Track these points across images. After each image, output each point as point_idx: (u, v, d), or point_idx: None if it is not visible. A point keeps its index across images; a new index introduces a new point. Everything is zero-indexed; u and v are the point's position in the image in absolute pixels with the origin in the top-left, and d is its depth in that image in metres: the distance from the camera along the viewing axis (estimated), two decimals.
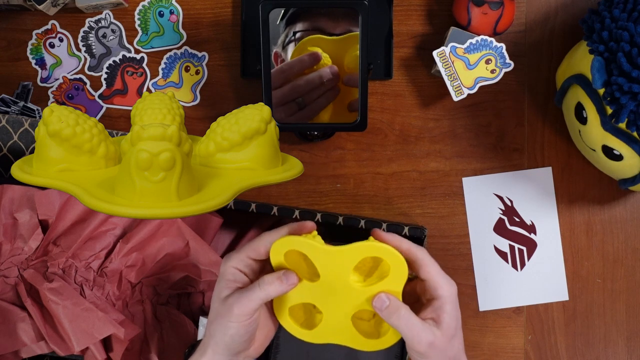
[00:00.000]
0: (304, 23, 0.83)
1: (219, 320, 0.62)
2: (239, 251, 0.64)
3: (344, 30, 0.82)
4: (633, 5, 0.73)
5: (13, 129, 0.85)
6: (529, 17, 0.89)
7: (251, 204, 0.85)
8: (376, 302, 0.62)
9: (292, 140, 0.90)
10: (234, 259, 0.64)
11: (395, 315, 0.62)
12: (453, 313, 0.63)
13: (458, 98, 0.84)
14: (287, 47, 0.83)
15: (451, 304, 0.63)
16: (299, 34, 0.83)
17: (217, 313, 0.63)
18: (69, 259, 0.77)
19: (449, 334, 0.63)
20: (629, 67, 0.70)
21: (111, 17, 0.90)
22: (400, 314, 0.61)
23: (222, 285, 0.63)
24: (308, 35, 0.83)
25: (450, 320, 0.63)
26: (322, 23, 0.83)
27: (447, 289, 0.63)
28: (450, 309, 0.63)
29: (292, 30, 0.83)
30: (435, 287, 0.63)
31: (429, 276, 0.63)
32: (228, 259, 0.64)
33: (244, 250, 0.64)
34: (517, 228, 0.91)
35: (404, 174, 0.91)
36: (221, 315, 0.62)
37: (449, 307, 0.63)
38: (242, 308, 0.61)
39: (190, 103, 0.90)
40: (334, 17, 0.82)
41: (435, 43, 0.88)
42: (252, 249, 0.64)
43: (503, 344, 0.91)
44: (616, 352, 0.91)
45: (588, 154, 0.83)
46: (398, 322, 0.62)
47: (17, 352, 0.77)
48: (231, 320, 0.61)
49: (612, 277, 0.91)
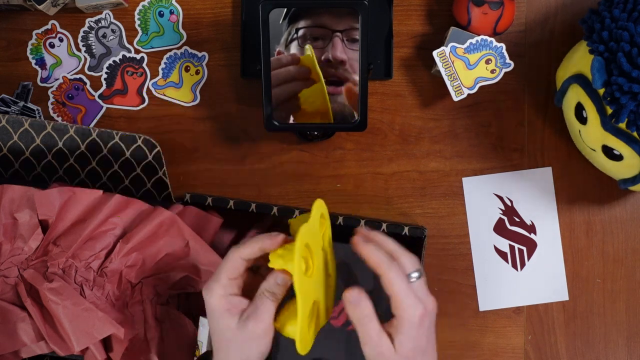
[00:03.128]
0: (306, 20, 0.83)
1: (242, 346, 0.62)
2: (218, 278, 0.63)
3: (346, 27, 0.82)
4: (633, 5, 0.73)
5: (13, 129, 0.85)
6: (529, 17, 0.89)
7: (251, 204, 0.85)
8: (349, 295, 0.61)
9: (292, 140, 0.90)
10: (219, 289, 0.63)
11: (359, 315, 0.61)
12: (410, 334, 0.61)
13: (458, 98, 0.84)
14: (290, 46, 0.83)
15: (410, 326, 0.61)
16: (302, 31, 0.82)
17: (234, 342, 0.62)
18: (69, 259, 0.77)
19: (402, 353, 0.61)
20: (629, 67, 0.70)
21: (111, 17, 0.90)
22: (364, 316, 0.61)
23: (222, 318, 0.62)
24: (310, 31, 0.82)
25: (407, 341, 0.61)
26: (325, 20, 0.82)
27: (410, 311, 0.61)
28: (406, 330, 0.61)
29: (294, 28, 0.83)
30: (395, 306, 0.62)
31: (392, 294, 0.62)
32: (210, 291, 0.63)
33: (223, 275, 0.63)
34: (517, 228, 0.91)
35: (404, 174, 0.91)
36: (244, 341, 0.61)
37: (405, 328, 0.61)
38: (262, 324, 0.61)
39: (190, 103, 0.90)
40: (336, 13, 0.82)
41: (435, 43, 0.88)
42: (230, 270, 0.63)
43: (503, 344, 0.91)
44: (616, 352, 0.91)
45: (588, 154, 0.83)
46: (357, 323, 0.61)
47: (17, 352, 0.77)
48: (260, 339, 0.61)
49: (612, 277, 0.91)
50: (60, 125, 0.84)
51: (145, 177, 0.86)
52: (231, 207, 0.85)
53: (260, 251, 0.63)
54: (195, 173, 0.91)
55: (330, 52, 0.82)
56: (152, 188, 0.86)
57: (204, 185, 0.91)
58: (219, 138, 0.91)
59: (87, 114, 0.91)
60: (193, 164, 0.91)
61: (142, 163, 0.85)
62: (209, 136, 0.91)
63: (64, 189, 0.78)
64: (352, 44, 0.82)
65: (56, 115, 0.91)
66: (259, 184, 0.91)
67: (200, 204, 0.85)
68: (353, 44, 0.82)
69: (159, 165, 0.85)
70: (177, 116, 0.91)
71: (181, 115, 0.91)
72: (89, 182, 0.86)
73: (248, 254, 0.63)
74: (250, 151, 0.91)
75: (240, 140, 0.91)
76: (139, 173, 0.85)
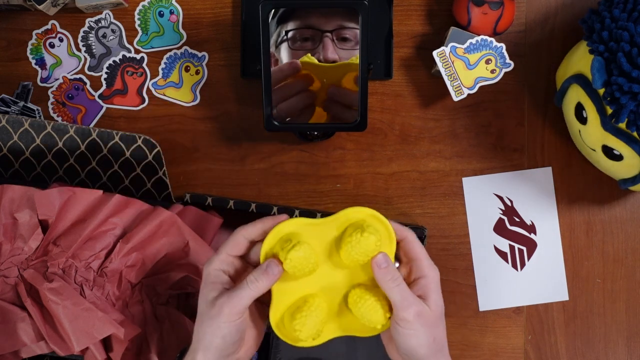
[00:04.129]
0: (295, 21, 0.82)
1: (208, 323, 0.62)
2: (219, 252, 0.64)
3: (335, 27, 0.82)
4: (633, 5, 0.73)
5: (13, 129, 0.85)
6: (529, 17, 0.89)
7: (251, 204, 0.85)
8: (376, 260, 0.62)
9: (292, 140, 0.90)
10: (216, 261, 0.64)
11: (390, 277, 0.62)
12: (439, 293, 0.64)
13: (458, 98, 0.84)
14: (280, 47, 0.83)
15: (436, 285, 0.64)
16: (291, 33, 0.82)
17: (205, 316, 0.62)
18: (69, 259, 0.77)
19: (436, 311, 0.63)
20: (629, 67, 0.70)
21: (111, 17, 0.90)
22: (395, 276, 0.62)
23: (208, 289, 0.63)
24: (300, 33, 0.82)
25: (437, 298, 0.63)
26: (314, 20, 0.82)
27: (435, 271, 0.64)
28: (436, 289, 0.64)
29: (283, 30, 0.83)
30: (421, 267, 0.64)
31: (416, 256, 0.64)
32: (209, 262, 0.64)
33: (223, 250, 0.64)
34: (517, 228, 0.91)
35: (404, 174, 0.91)
36: (210, 317, 0.62)
37: (435, 287, 0.64)
38: (232, 307, 0.61)
39: (190, 103, 0.90)
40: (325, 13, 0.82)
41: (435, 43, 0.88)
42: (231, 246, 0.64)
43: (503, 344, 0.91)
44: (616, 352, 0.91)
45: (588, 154, 0.83)
46: (392, 285, 0.62)
47: (17, 352, 0.77)
48: (222, 320, 0.61)
49: (612, 277, 0.91)
50: (60, 125, 0.84)
51: (145, 177, 0.86)
52: (231, 207, 0.85)
53: (263, 232, 0.64)
54: (195, 173, 0.91)
55: (322, 53, 0.82)
56: (152, 188, 0.86)
57: (204, 185, 0.91)
58: (219, 138, 0.91)
59: (87, 114, 0.91)
60: (193, 164, 0.91)
61: (142, 163, 0.85)
62: (209, 136, 0.91)
63: (64, 189, 0.78)
64: (343, 43, 0.82)
65: (56, 115, 0.91)
66: (259, 184, 0.91)
67: (200, 204, 0.85)
68: (344, 43, 0.82)
69: (159, 165, 0.85)
70: (177, 116, 0.91)
71: (181, 115, 0.91)
72: (89, 182, 0.86)
73: (250, 233, 0.64)
74: (250, 151, 0.91)
75: (240, 140, 0.91)
76: (139, 173, 0.85)
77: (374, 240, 0.62)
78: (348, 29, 0.82)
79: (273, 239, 0.63)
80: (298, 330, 0.63)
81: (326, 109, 0.83)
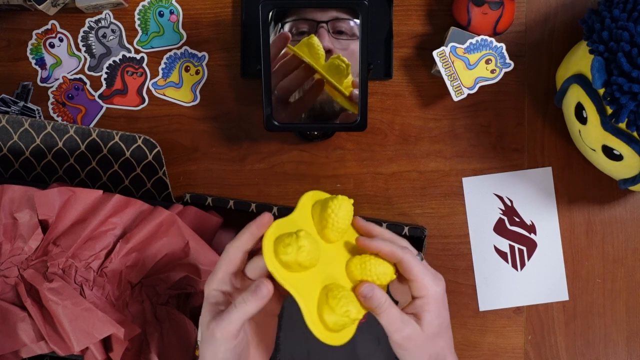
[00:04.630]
0: (291, 15, 0.82)
1: (206, 347, 0.61)
2: (216, 271, 0.63)
3: (331, 18, 0.81)
4: (633, 5, 0.73)
5: (13, 129, 0.85)
6: (529, 17, 0.89)
7: (251, 204, 0.85)
8: (360, 291, 0.62)
9: (292, 140, 0.90)
10: (214, 281, 0.62)
11: (376, 305, 0.62)
12: (436, 312, 0.63)
13: (458, 98, 0.84)
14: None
15: (435, 303, 0.63)
16: (287, 25, 0.82)
17: (204, 338, 0.62)
18: (69, 259, 0.77)
19: (430, 331, 0.63)
20: (629, 67, 0.70)
21: (111, 17, 0.90)
22: (380, 303, 0.62)
23: (205, 310, 0.62)
24: (296, 25, 0.82)
25: (432, 318, 0.63)
26: (309, 13, 0.82)
27: (432, 288, 0.63)
28: (433, 308, 0.63)
29: (280, 24, 0.82)
30: (419, 288, 0.64)
31: (414, 276, 0.63)
32: (208, 282, 0.63)
33: (219, 269, 0.62)
34: (517, 228, 0.91)
35: (404, 174, 0.91)
36: (207, 341, 0.61)
37: (432, 306, 0.63)
38: (223, 331, 0.59)
39: (190, 103, 0.90)
40: (321, 7, 0.82)
41: (435, 43, 0.88)
42: (226, 263, 0.62)
43: (503, 344, 0.91)
44: (616, 352, 0.91)
45: (588, 154, 0.83)
46: (378, 312, 0.62)
47: (17, 352, 0.77)
48: (218, 345, 0.60)
49: (612, 277, 0.91)
50: (60, 125, 0.84)
51: (145, 177, 0.86)
52: (231, 207, 0.85)
53: (252, 237, 0.62)
54: (195, 173, 0.91)
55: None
56: (152, 188, 0.86)
57: (203, 185, 0.91)
58: (219, 138, 0.91)
59: (87, 114, 0.91)
60: (193, 164, 0.91)
61: (142, 163, 0.85)
62: (209, 136, 0.91)
63: (64, 189, 0.78)
64: (338, 35, 0.82)
65: (56, 115, 0.91)
66: (259, 184, 0.91)
67: (200, 204, 0.85)
68: (339, 35, 0.82)
69: (159, 165, 0.85)
70: (177, 116, 0.91)
71: (181, 115, 0.91)
72: (89, 182, 0.86)
73: (241, 244, 0.63)
74: (250, 151, 0.91)
75: (240, 140, 0.91)
76: (139, 173, 0.85)
77: (347, 200, 0.64)
78: (343, 21, 0.81)
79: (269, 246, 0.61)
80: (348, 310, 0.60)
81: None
